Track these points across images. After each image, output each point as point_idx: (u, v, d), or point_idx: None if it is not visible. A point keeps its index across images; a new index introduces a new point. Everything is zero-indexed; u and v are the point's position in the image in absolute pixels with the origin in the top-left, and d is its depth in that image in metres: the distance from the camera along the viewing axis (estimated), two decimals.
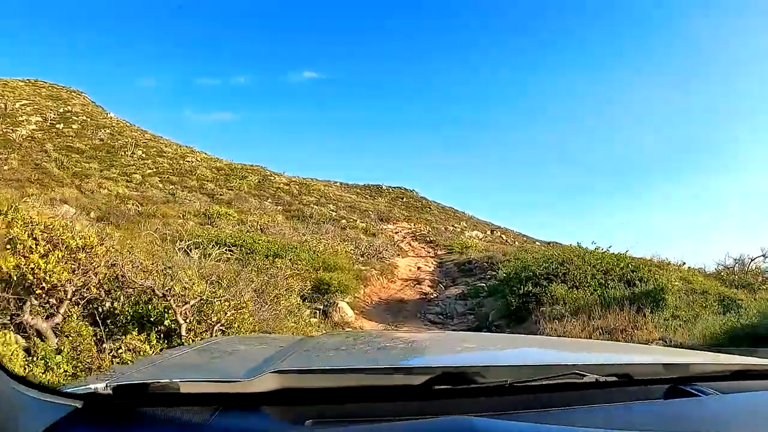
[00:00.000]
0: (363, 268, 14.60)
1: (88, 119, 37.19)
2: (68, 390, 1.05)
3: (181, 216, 19.36)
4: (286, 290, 8.45)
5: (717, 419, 1.14)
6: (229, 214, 20.67)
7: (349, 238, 18.89)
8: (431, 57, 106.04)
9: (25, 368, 2.82)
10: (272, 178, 32.86)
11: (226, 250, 11.70)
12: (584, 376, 1.22)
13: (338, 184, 39.13)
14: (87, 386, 1.04)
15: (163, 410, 1.03)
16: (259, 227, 19.21)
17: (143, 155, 31.90)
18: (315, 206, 27.19)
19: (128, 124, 40.58)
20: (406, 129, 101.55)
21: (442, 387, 1.14)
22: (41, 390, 1.03)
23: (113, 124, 38.42)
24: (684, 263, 11.20)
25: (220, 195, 26.02)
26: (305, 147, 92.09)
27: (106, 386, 1.02)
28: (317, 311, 10.07)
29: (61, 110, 37.56)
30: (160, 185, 26.06)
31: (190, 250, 11.10)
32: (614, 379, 1.29)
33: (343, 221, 24.43)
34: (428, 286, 14.90)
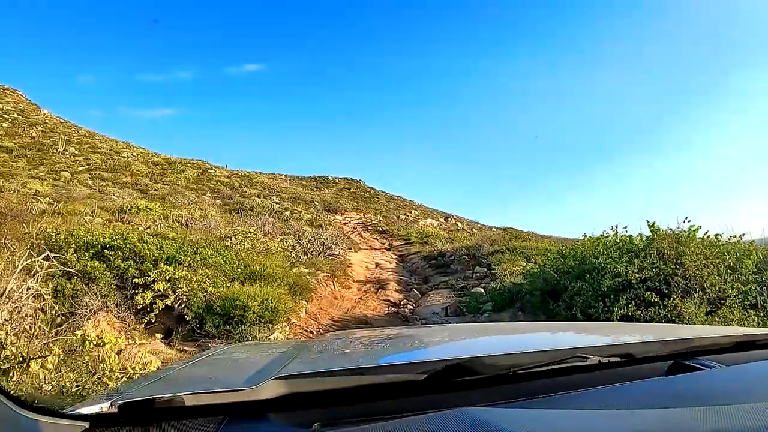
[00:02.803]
0: (306, 270, 9.07)
1: (20, 117, 31.98)
2: (73, 411, 0.90)
3: (90, 213, 14.34)
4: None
5: (721, 391, 0.98)
6: (150, 209, 15.71)
7: (291, 230, 13.71)
8: (375, 47, 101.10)
9: None
10: (212, 171, 27.91)
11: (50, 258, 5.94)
12: (587, 358, 1.10)
13: (283, 176, 33.91)
14: (92, 406, 0.89)
15: (169, 425, 0.89)
16: (184, 222, 14.65)
17: (75, 152, 26.99)
18: (257, 198, 22.63)
19: (62, 121, 35.33)
20: (351, 120, 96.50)
21: (447, 380, 1.00)
22: (46, 413, 0.89)
23: (46, 121, 33.13)
24: None
25: (155, 190, 21.37)
26: (249, 141, 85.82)
27: (111, 405, 0.88)
28: None
29: None
30: (90, 182, 21.26)
31: None
32: (617, 359, 1.15)
33: (287, 213, 19.40)
34: (395, 290, 9.53)
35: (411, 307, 8.14)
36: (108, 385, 3.02)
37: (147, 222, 13.79)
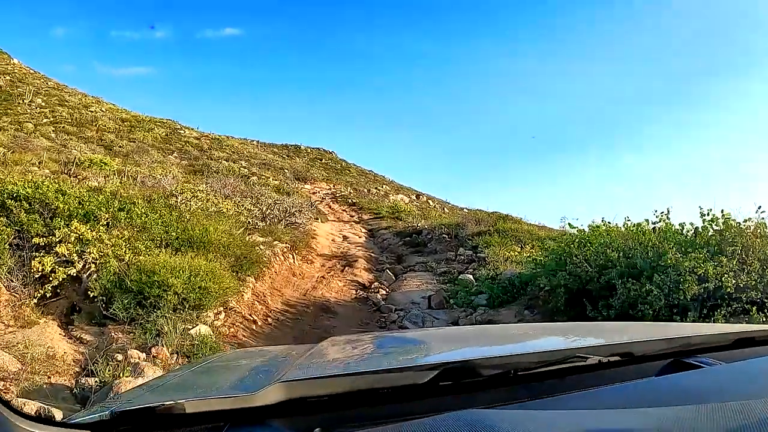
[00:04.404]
0: (261, 239, 7.28)
1: None
2: (74, 421, 0.85)
3: (37, 164, 12.93)
4: None
5: (721, 388, 0.91)
6: (104, 163, 13.97)
7: (253, 194, 11.98)
8: (356, 21, 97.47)
9: None
10: (182, 132, 25.67)
11: None
12: (587, 358, 1.01)
13: (255, 142, 31.61)
14: (92, 415, 0.84)
15: None
16: (140, 179, 12.74)
17: (42, 104, 24.79)
18: (225, 162, 20.65)
19: (31, 71, 32.23)
20: (327, 91, 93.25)
21: (448, 383, 0.92)
22: (47, 423, 0.81)
23: (15, 71, 30.32)
24: None
25: (120, 147, 19.53)
26: (224, 105, 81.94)
27: (112, 413, 0.82)
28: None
29: None
30: (53, 135, 19.37)
31: None
32: (617, 358, 1.07)
33: (254, 178, 17.60)
34: (365, 269, 7.86)
35: (384, 292, 6.49)
36: None
37: (99, 176, 12.24)
